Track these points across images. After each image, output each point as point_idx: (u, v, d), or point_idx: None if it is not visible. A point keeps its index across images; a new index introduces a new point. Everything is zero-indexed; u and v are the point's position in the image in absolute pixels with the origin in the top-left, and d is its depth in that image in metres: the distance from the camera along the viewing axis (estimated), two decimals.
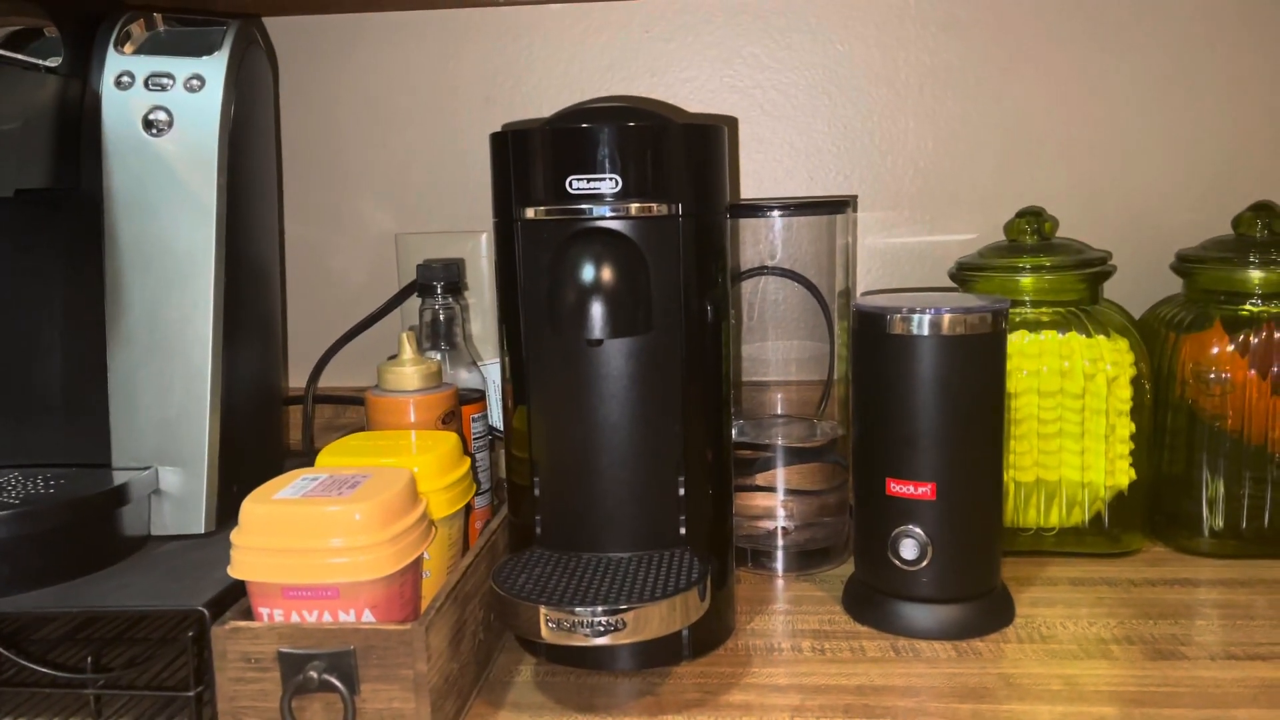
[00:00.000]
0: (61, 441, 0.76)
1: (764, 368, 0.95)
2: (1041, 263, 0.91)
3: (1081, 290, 0.91)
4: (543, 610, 0.63)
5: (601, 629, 0.63)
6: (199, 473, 0.75)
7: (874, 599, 0.79)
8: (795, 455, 0.91)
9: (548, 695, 0.70)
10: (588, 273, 0.67)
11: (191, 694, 0.62)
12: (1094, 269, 0.91)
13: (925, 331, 0.74)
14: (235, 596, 0.64)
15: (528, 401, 0.72)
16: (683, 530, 0.72)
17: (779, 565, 0.91)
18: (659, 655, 0.73)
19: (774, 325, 0.94)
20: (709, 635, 0.75)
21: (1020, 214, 0.94)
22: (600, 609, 0.63)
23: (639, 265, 0.68)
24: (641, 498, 0.71)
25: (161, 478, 0.75)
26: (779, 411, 0.96)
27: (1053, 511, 0.90)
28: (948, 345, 0.74)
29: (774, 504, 0.91)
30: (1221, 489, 0.89)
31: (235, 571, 0.61)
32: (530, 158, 0.69)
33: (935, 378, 0.75)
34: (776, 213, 0.90)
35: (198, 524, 0.75)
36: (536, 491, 0.73)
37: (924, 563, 0.76)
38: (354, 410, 1.12)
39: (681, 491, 0.72)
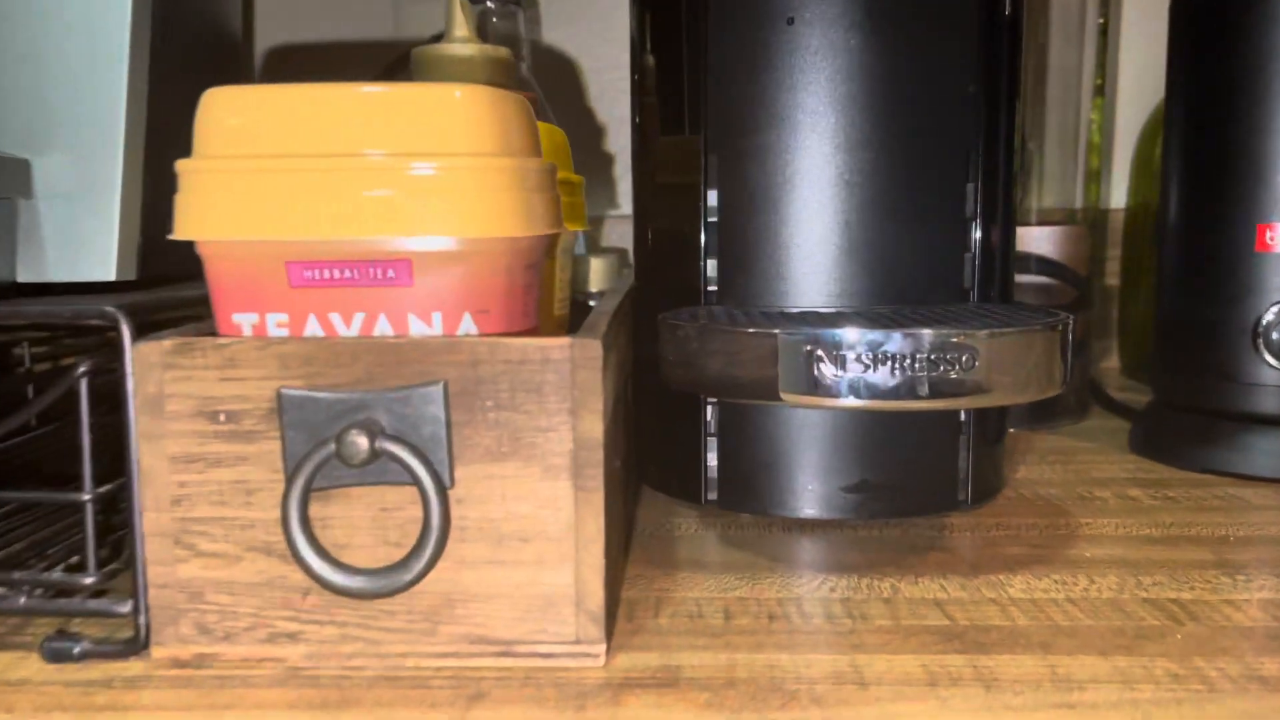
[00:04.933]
0: None
1: None
2: None
3: None
4: (795, 342, 0.32)
5: (929, 374, 0.32)
6: (108, 180, 0.42)
7: (1212, 429, 0.49)
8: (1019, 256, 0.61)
9: (750, 551, 0.38)
10: None
11: (87, 497, 0.29)
12: None
13: None
14: (178, 306, 0.32)
15: (703, 53, 0.41)
16: (968, 279, 0.42)
17: None
18: (921, 498, 0.42)
19: None
20: (984, 476, 0.44)
21: None
22: (929, 334, 0.32)
23: None
24: (904, 214, 0.41)
25: (39, 178, 0.41)
26: None
27: None
28: None
29: None
30: None
31: (185, 227, 0.28)
32: None
33: None
34: None
35: (104, 264, 0.42)
36: (713, 214, 0.41)
37: None
38: None
39: (972, 205, 0.41)
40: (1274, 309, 0.47)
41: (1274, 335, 0.47)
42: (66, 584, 0.29)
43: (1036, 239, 0.60)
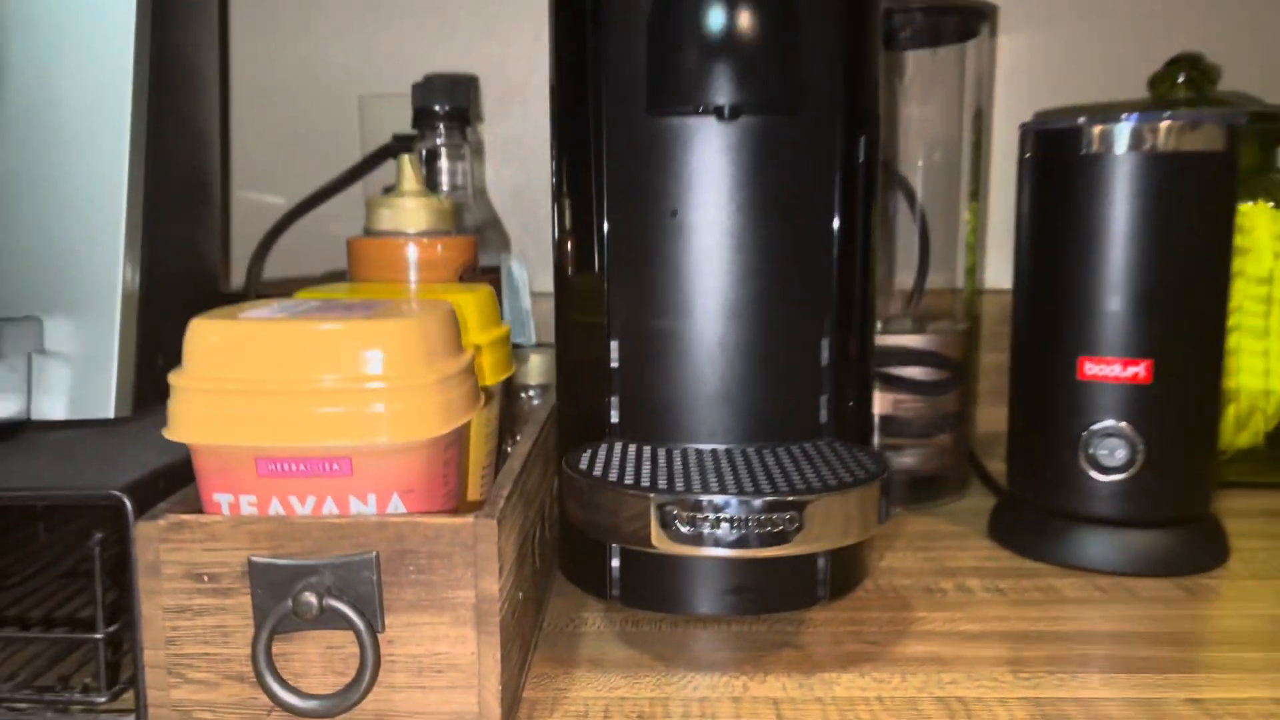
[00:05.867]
0: None
1: None
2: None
3: (1253, 154, 0.72)
4: (659, 505, 0.41)
5: (760, 531, 0.40)
6: (108, 330, 0.50)
7: (1049, 525, 0.58)
8: (901, 358, 0.70)
9: (640, 649, 0.47)
10: (717, 11, 0.45)
11: (100, 636, 0.38)
12: (1272, 125, 0.72)
13: (1130, 147, 0.54)
14: (174, 484, 0.40)
15: (605, 227, 0.50)
16: (824, 416, 0.50)
17: None
18: (787, 596, 0.51)
19: None
20: (847, 571, 0.53)
21: (1172, 62, 0.75)
22: (759, 501, 0.40)
23: (787, 8, 0.47)
24: (770, 366, 0.49)
25: (49, 333, 0.50)
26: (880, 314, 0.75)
27: (1226, 427, 0.71)
28: (1166, 167, 0.54)
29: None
30: None
31: (178, 430, 0.37)
32: None
33: (1150, 213, 0.55)
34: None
35: (104, 404, 0.50)
36: (614, 360, 0.50)
37: (1131, 470, 0.56)
38: None
39: (826, 357, 0.50)
40: (1091, 428, 0.56)
41: (1090, 450, 0.56)
42: (85, 702, 0.38)
43: (916, 342, 0.69)
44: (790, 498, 0.41)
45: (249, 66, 0.86)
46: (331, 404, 0.36)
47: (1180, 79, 0.74)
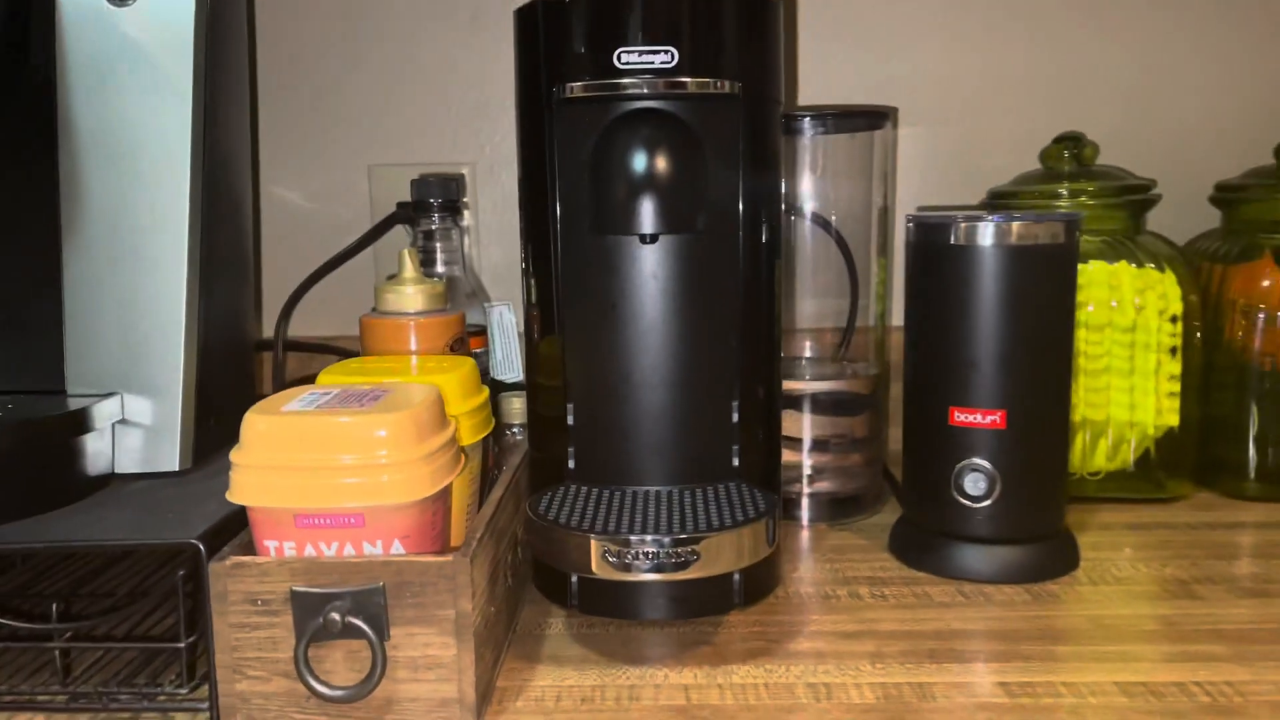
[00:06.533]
0: (6, 364, 0.65)
1: (788, 310, 0.87)
2: (1083, 188, 0.85)
3: (1124, 219, 0.85)
4: (596, 542, 0.55)
5: (670, 561, 0.54)
6: (173, 401, 0.64)
7: (930, 542, 0.72)
8: (824, 397, 0.83)
9: (589, 647, 0.61)
10: (641, 159, 0.58)
11: (183, 645, 0.51)
12: (1138, 196, 0.85)
13: (991, 241, 0.67)
14: (232, 531, 0.54)
15: (560, 316, 0.63)
16: (735, 461, 0.64)
17: (805, 515, 0.83)
18: (708, 603, 0.64)
19: (801, 266, 0.87)
20: (759, 582, 0.66)
21: (1058, 139, 0.88)
22: (668, 539, 0.54)
23: (696, 151, 0.60)
24: (691, 424, 0.63)
25: (127, 406, 0.64)
26: (806, 354, 0.88)
27: (1098, 453, 0.84)
28: (1017, 257, 0.67)
29: (800, 447, 0.84)
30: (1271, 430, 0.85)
31: (237, 495, 0.51)
32: (570, 29, 0.60)
33: (1004, 293, 0.68)
34: (808, 121, 0.82)
35: (170, 459, 0.64)
36: (570, 419, 0.64)
37: (991, 499, 0.69)
38: (321, 361, 1.01)
39: (735, 417, 0.63)
40: (960, 464, 0.69)
41: (959, 481, 0.69)
42: (171, 694, 0.52)
43: (837, 386, 0.83)
44: (696, 534, 0.54)
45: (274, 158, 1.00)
46: (350, 476, 0.50)
47: (1065, 154, 0.87)
